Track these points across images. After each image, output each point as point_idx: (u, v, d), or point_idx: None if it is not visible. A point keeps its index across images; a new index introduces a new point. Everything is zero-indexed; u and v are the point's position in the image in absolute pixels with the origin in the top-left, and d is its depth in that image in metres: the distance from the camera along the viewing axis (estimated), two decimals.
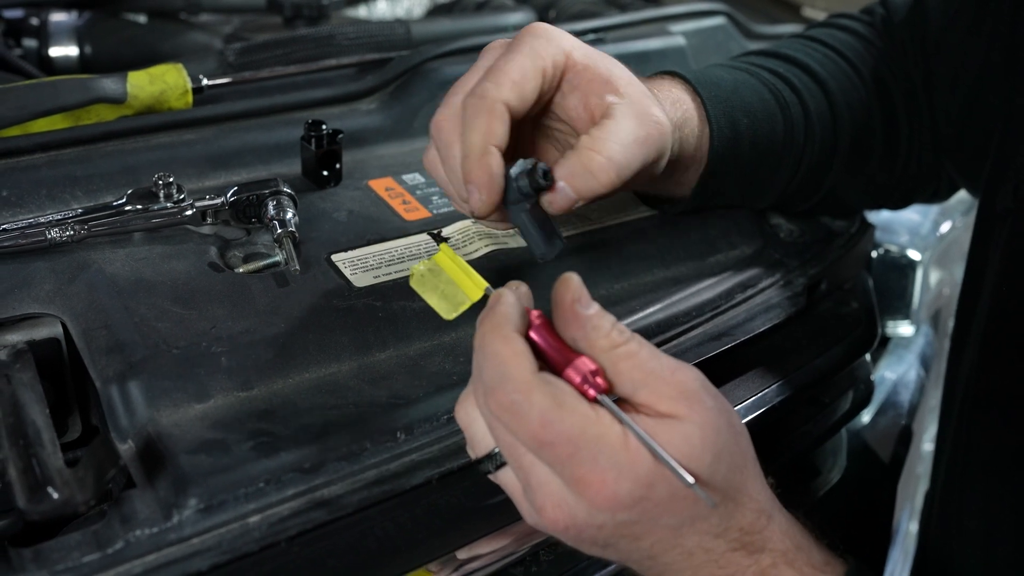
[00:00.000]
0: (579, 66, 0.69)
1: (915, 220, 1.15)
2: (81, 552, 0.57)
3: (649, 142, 0.68)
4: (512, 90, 0.66)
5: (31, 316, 0.71)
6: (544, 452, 0.55)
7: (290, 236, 0.76)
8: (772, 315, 0.85)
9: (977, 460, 0.73)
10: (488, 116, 0.65)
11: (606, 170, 0.66)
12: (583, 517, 0.56)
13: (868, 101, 0.90)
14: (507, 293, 0.58)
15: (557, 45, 0.69)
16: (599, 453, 0.54)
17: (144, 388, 0.64)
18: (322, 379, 0.69)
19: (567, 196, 0.67)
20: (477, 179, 0.66)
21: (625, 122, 0.67)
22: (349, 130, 0.90)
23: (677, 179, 0.81)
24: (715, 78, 0.82)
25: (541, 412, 0.53)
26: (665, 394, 0.56)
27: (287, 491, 0.61)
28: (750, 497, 0.58)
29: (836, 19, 0.98)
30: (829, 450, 0.99)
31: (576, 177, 0.66)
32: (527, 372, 0.54)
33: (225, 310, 0.71)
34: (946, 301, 1.21)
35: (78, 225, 0.74)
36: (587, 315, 0.57)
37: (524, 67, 0.67)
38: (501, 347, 0.55)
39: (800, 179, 0.87)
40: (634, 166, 0.68)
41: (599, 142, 0.67)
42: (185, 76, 0.92)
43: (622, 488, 0.54)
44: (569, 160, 0.67)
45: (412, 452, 0.65)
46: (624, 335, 0.57)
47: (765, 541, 0.59)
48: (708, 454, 0.55)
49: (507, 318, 0.56)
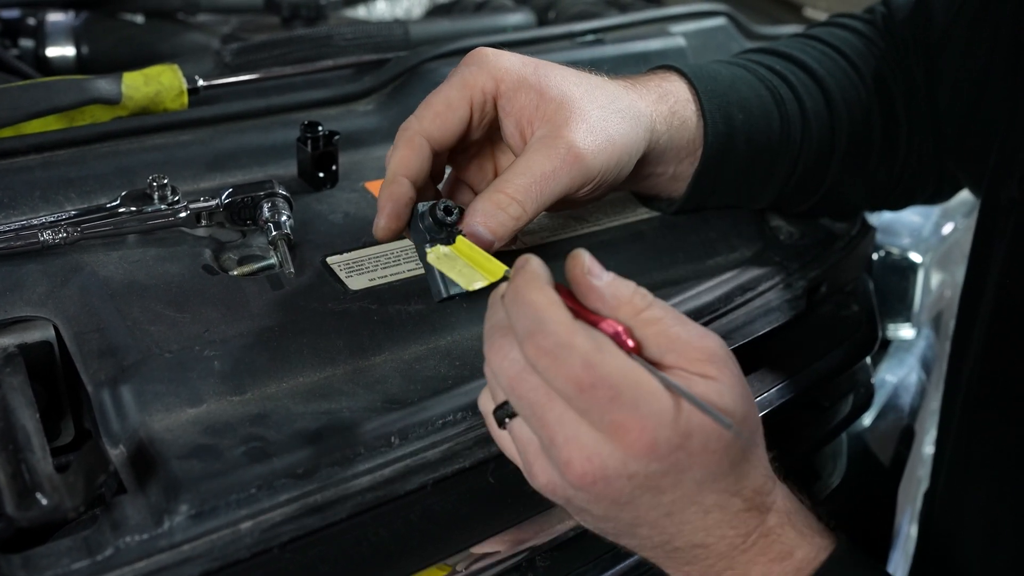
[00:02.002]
0: (509, 92, 0.71)
1: (916, 222, 1.14)
2: (71, 558, 0.56)
3: (559, 175, 0.69)
4: (433, 122, 0.70)
5: (23, 319, 0.70)
6: (583, 397, 0.54)
7: (285, 238, 0.76)
8: (772, 318, 0.85)
9: (979, 460, 0.73)
10: (405, 147, 0.70)
11: (514, 207, 0.68)
12: (615, 466, 0.55)
13: (867, 99, 0.89)
14: (531, 257, 0.59)
15: (489, 73, 0.71)
16: (640, 399, 0.54)
17: (136, 392, 0.64)
18: (316, 383, 0.68)
19: (482, 236, 0.68)
20: (381, 205, 0.69)
21: (534, 156, 0.69)
22: (346, 131, 0.90)
23: (671, 173, 0.81)
24: (712, 72, 0.82)
25: (584, 354, 0.54)
26: (694, 357, 0.57)
27: (280, 497, 0.60)
28: (760, 461, 0.60)
29: (837, 18, 0.98)
30: (829, 454, 0.98)
31: (488, 216, 0.68)
32: (567, 317, 0.55)
33: (219, 313, 0.71)
34: (947, 303, 1.21)
35: (71, 227, 0.74)
36: (603, 284, 0.58)
37: (449, 98, 0.70)
38: (538, 296, 0.56)
39: (798, 177, 0.86)
40: (546, 200, 0.69)
41: (504, 181, 0.69)
42: (181, 77, 0.91)
43: (661, 435, 0.54)
44: (480, 200, 0.69)
45: (407, 457, 0.65)
46: (646, 299, 0.58)
47: (772, 502, 0.60)
48: (739, 411, 0.57)
49: (538, 274, 0.57)
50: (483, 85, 0.71)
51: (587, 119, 0.70)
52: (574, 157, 0.69)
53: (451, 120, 0.70)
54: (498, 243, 0.68)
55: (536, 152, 0.69)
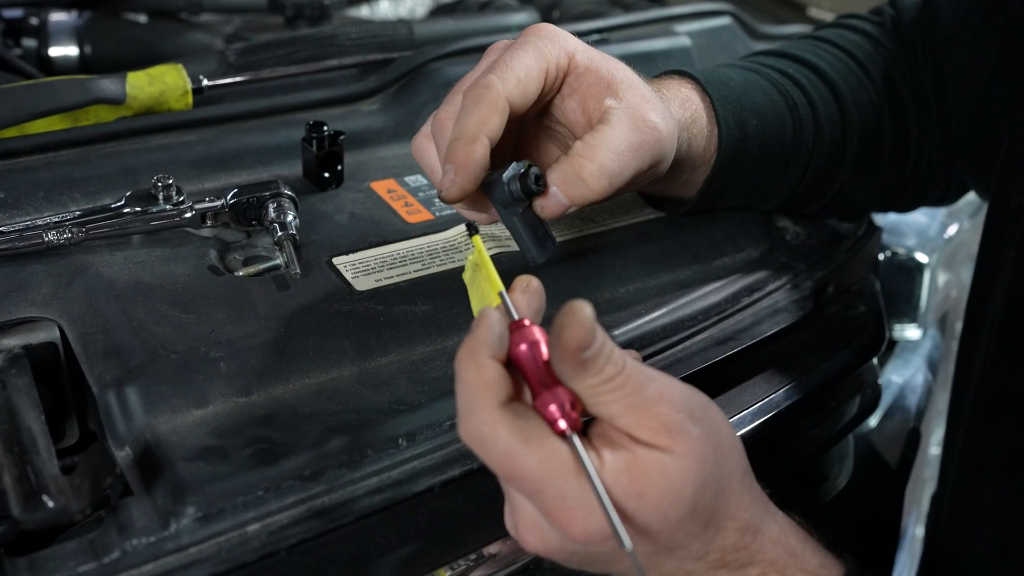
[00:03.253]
0: (580, 69, 0.69)
1: (922, 222, 1.14)
2: (77, 561, 0.56)
3: (644, 149, 0.67)
4: (516, 87, 0.66)
5: (28, 320, 0.70)
6: (513, 484, 0.54)
7: (291, 239, 0.76)
8: (779, 319, 0.84)
9: (991, 461, 0.73)
10: (488, 107, 0.65)
11: (597, 177, 0.66)
12: (556, 543, 0.55)
13: (878, 102, 0.89)
14: (491, 314, 0.56)
15: (561, 47, 0.68)
16: (566, 490, 0.52)
17: (142, 394, 0.63)
18: (322, 385, 0.68)
19: (559, 202, 0.67)
20: (458, 160, 0.65)
21: (620, 128, 0.67)
22: (351, 131, 0.89)
23: (684, 179, 0.80)
24: (724, 78, 0.81)
25: (505, 447, 0.52)
26: (646, 425, 0.54)
27: (287, 499, 0.60)
28: (733, 518, 0.57)
29: (845, 19, 0.98)
30: (836, 455, 0.98)
31: (568, 184, 0.66)
32: (493, 404, 0.53)
33: (224, 314, 0.70)
34: (953, 304, 1.20)
35: (76, 228, 0.74)
36: (587, 358, 0.53)
37: (529, 66, 0.67)
38: (472, 375, 0.53)
39: (808, 181, 0.86)
40: (627, 173, 0.67)
41: (592, 149, 0.66)
42: (185, 76, 0.91)
43: (592, 525, 0.53)
44: (561, 166, 0.66)
45: (414, 459, 0.65)
46: (617, 366, 0.53)
47: (752, 555, 0.58)
48: (689, 487, 0.54)
49: (484, 341, 0.54)
50: (558, 59, 0.68)
51: (655, 104, 0.69)
52: (657, 134, 0.68)
53: (530, 89, 0.67)
54: (573, 208, 0.67)
55: (622, 125, 0.67)
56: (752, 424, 0.77)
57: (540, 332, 0.56)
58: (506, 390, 0.54)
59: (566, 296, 0.76)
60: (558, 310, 0.52)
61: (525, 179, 0.66)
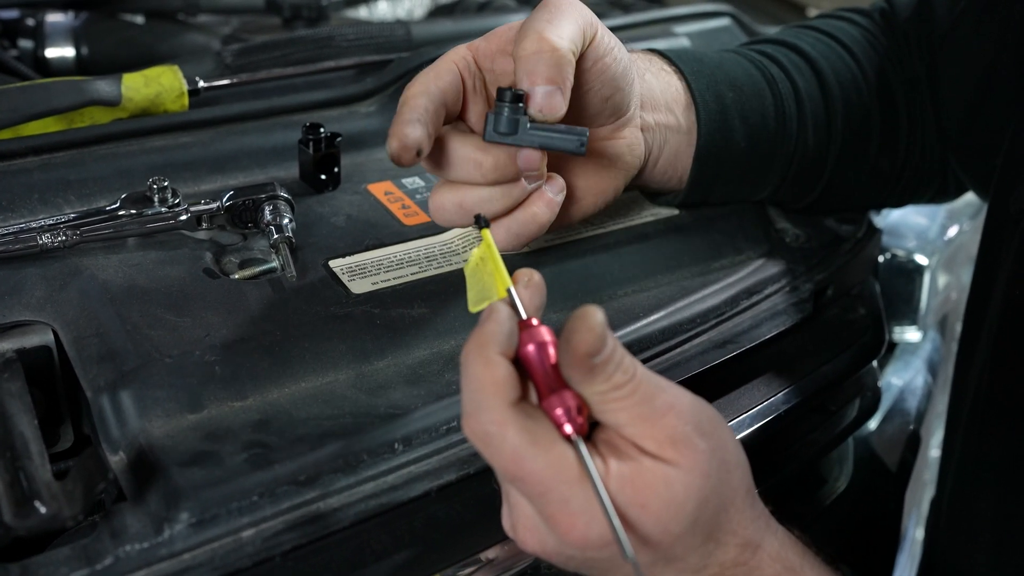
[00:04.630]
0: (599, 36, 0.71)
1: (922, 224, 1.14)
2: (69, 567, 0.55)
3: (584, 19, 0.70)
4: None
5: (21, 323, 0.69)
6: (517, 486, 0.54)
7: (287, 242, 0.75)
8: (778, 321, 0.84)
9: (989, 466, 0.72)
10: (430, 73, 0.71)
11: (549, 50, 0.66)
12: (553, 546, 0.55)
13: (862, 83, 0.88)
14: (501, 308, 0.55)
15: (591, 13, 0.71)
16: (571, 496, 0.52)
17: (136, 398, 0.63)
18: (318, 389, 0.67)
19: (542, 94, 0.67)
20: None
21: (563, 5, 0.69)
22: (348, 133, 0.89)
23: (672, 165, 0.81)
24: (697, 55, 0.82)
25: (513, 448, 0.52)
26: (652, 437, 0.53)
27: (282, 504, 0.60)
28: (734, 534, 0.57)
29: (836, 11, 0.98)
30: (836, 458, 0.97)
31: (533, 71, 0.66)
32: (503, 404, 0.52)
33: (220, 317, 0.70)
34: (953, 306, 1.20)
35: (70, 230, 0.73)
36: (597, 364, 0.52)
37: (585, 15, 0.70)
38: (481, 371, 0.53)
39: (798, 161, 0.86)
40: (576, 39, 0.68)
41: (543, 27, 0.67)
42: (181, 78, 0.91)
43: (592, 532, 0.53)
44: (520, 46, 0.67)
45: (410, 464, 0.64)
46: (626, 375, 0.53)
47: (751, 571, 0.58)
48: (691, 502, 0.54)
49: (493, 337, 0.54)
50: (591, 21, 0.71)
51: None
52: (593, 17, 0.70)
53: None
54: (557, 88, 0.67)
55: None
56: (751, 427, 0.77)
57: (548, 333, 0.55)
58: (516, 390, 0.53)
59: (564, 299, 0.77)
60: (569, 315, 0.52)
61: (502, 97, 0.67)
